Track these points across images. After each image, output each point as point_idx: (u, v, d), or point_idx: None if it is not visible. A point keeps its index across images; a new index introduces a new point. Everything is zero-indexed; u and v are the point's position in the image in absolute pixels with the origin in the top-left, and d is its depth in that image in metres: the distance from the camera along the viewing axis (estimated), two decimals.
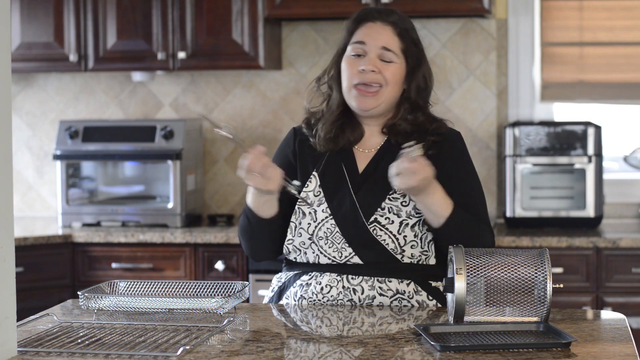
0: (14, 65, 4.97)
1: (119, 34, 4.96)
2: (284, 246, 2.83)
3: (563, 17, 5.09)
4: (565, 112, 5.23)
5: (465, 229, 2.71)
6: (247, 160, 2.67)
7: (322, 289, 2.77)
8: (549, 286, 2.39)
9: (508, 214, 4.76)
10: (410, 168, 2.59)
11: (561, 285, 2.51)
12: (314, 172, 2.83)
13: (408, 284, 2.75)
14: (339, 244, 2.76)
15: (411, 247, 2.75)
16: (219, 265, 4.62)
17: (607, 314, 2.65)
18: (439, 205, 2.69)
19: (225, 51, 4.88)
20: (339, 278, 2.77)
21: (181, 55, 4.89)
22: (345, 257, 2.76)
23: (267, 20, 4.89)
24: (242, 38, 4.86)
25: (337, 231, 2.76)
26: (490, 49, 5.05)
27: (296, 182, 2.77)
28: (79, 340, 2.31)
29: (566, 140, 4.71)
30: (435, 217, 2.71)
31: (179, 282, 2.79)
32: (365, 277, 2.75)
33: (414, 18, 5.01)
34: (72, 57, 4.97)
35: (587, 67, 5.10)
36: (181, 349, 2.20)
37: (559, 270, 4.41)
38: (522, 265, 2.43)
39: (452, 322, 2.44)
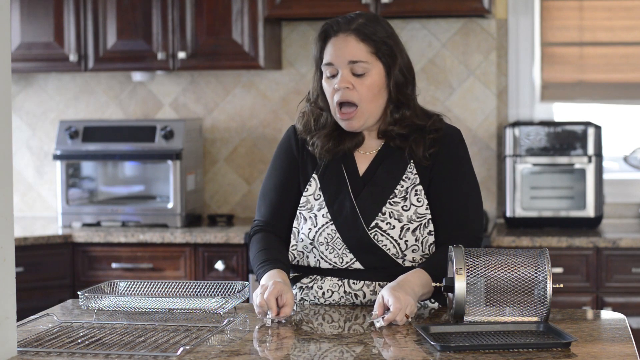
0: (14, 65, 4.97)
1: (119, 34, 4.96)
2: (289, 253, 2.81)
3: (563, 17, 5.09)
4: (565, 112, 5.23)
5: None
6: (259, 299, 2.55)
7: (323, 293, 2.77)
8: (549, 286, 2.39)
9: (508, 214, 4.76)
10: (399, 319, 2.50)
11: (561, 285, 2.51)
12: (314, 175, 2.81)
13: None
14: (339, 249, 2.75)
15: (412, 252, 2.74)
16: (219, 265, 4.62)
17: (607, 314, 2.65)
18: (424, 286, 2.63)
19: (225, 51, 4.88)
20: (340, 283, 2.76)
21: (181, 55, 4.89)
22: (347, 262, 2.75)
23: (267, 20, 4.89)
24: (242, 38, 4.86)
25: (337, 237, 2.74)
26: (490, 49, 5.05)
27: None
28: (79, 340, 2.31)
29: (566, 140, 4.71)
30: (429, 293, 2.66)
31: (179, 282, 2.79)
32: (367, 282, 2.75)
33: (414, 18, 5.05)
34: (72, 57, 4.97)
35: (587, 67, 5.10)
36: (181, 349, 2.20)
37: (559, 270, 4.41)
38: (522, 265, 2.43)
39: (452, 322, 2.44)
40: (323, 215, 2.76)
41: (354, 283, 2.76)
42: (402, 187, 2.75)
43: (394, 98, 2.75)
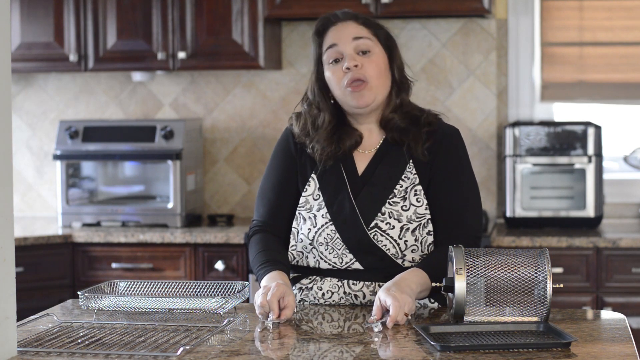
0: (14, 65, 4.97)
1: (119, 34, 4.96)
2: (289, 253, 2.81)
3: (563, 17, 5.09)
4: (565, 112, 5.23)
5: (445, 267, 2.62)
6: (260, 299, 2.54)
7: (323, 294, 2.77)
8: (549, 286, 2.40)
9: (508, 214, 4.76)
10: (400, 319, 2.48)
11: (561, 285, 2.51)
12: (313, 175, 2.81)
13: None
14: (339, 250, 2.74)
15: (412, 252, 2.74)
16: (219, 265, 4.62)
17: (607, 314, 2.65)
18: (422, 284, 2.62)
19: (225, 51, 4.88)
20: (339, 284, 2.76)
21: (181, 55, 4.89)
22: (346, 263, 2.75)
23: (267, 20, 4.89)
24: (242, 38, 4.86)
25: (337, 237, 2.74)
26: (490, 49, 5.05)
27: None
28: (79, 340, 2.31)
29: (566, 140, 4.71)
30: (427, 291, 2.65)
31: (179, 282, 2.79)
32: (367, 282, 2.75)
33: (414, 18, 5.05)
34: (72, 57, 4.97)
35: (587, 67, 5.10)
36: (181, 349, 2.20)
37: (559, 270, 4.41)
38: (522, 265, 2.43)
39: (452, 322, 2.44)
40: (322, 215, 2.76)
41: (353, 284, 2.75)
42: (402, 187, 2.75)
43: (397, 80, 2.80)
